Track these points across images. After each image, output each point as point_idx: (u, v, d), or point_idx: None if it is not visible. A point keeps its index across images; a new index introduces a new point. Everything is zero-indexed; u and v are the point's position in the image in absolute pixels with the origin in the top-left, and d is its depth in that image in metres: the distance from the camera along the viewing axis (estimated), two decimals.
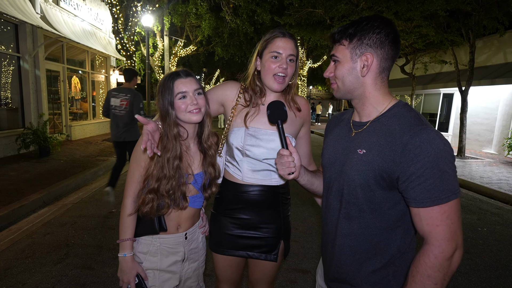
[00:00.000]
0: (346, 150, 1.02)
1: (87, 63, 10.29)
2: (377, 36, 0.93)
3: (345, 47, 0.98)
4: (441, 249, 0.83)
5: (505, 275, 2.86)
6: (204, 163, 1.35)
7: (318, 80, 29.33)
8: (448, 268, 0.84)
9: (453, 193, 0.83)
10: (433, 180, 0.83)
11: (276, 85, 1.33)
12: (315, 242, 3.16)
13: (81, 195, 4.63)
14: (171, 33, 16.29)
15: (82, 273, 2.59)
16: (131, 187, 1.26)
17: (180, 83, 1.25)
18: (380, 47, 0.94)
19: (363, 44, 0.94)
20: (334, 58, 1.02)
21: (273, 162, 1.37)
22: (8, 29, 6.84)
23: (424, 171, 0.83)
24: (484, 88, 10.26)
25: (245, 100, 1.40)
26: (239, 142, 1.36)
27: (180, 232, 1.35)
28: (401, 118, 0.92)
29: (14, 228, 3.43)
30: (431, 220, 0.84)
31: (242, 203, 1.41)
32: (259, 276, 1.51)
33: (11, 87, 7.04)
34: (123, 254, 1.25)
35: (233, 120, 1.39)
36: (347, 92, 1.02)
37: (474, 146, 10.82)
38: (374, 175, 0.92)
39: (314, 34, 13.20)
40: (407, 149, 0.85)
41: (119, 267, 1.28)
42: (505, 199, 5.30)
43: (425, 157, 0.83)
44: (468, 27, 8.52)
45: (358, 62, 0.96)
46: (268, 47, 1.33)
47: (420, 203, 0.85)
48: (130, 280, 1.26)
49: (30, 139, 6.44)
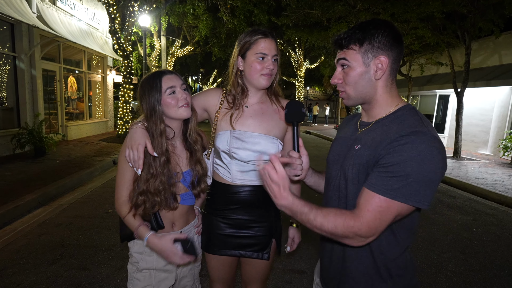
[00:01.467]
0: (348, 148, 1.05)
1: (83, 63, 10.24)
2: (386, 38, 0.93)
3: (355, 51, 0.96)
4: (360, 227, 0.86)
5: (500, 276, 2.88)
6: (191, 161, 1.36)
7: (315, 81, 29.40)
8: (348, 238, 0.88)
9: (405, 197, 0.83)
10: (396, 179, 0.84)
11: (265, 81, 1.36)
12: (311, 242, 3.17)
13: (76, 195, 4.60)
14: (168, 33, 16.27)
15: (77, 274, 2.57)
16: (122, 188, 1.25)
17: (167, 79, 1.26)
18: (390, 49, 0.94)
19: (374, 47, 0.94)
20: (343, 63, 0.98)
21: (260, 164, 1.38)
22: (4, 28, 6.78)
23: (394, 167, 0.84)
24: (480, 90, 10.34)
25: (228, 103, 1.42)
26: (225, 145, 1.37)
27: (175, 230, 1.35)
28: (403, 121, 0.93)
29: (9, 228, 3.40)
30: (368, 203, 0.87)
31: (233, 204, 1.42)
32: (252, 275, 1.52)
33: (6, 86, 6.99)
34: (145, 238, 1.20)
35: (218, 124, 1.41)
36: (359, 98, 1.00)
37: (470, 147, 10.90)
38: (363, 169, 0.94)
39: (311, 35, 13.25)
40: (391, 144, 0.87)
41: (156, 252, 1.26)
42: (500, 200, 5.34)
43: (400, 156, 0.84)
44: (464, 29, 8.60)
45: (371, 66, 0.95)
46: (253, 48, 1.34)
47: (370, 186, 0.87)
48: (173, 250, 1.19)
49: (25, 139, 6.39)
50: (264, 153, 1.37)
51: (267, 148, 1.37)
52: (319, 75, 24.07)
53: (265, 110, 1.43)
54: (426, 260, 3.09)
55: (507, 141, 8.50)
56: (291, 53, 19.53)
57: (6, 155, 6.50)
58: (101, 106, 11.65)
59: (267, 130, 1.40)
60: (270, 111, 1.44)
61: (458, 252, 3.31)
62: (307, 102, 31.04)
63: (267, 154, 1.36)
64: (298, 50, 19.67)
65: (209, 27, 14.21)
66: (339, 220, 0.87)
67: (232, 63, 1.42)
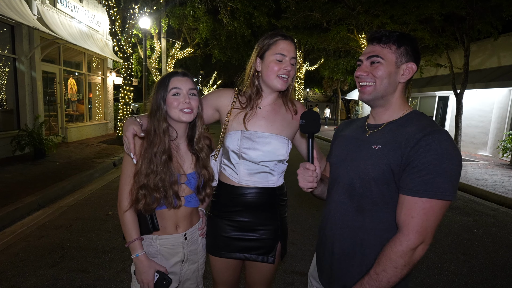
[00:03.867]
0: (360, 147, 1.07)
1: (83, 65, 10.25)
2: (416, 50, 1.03)
3: (391, 51, 1.02)
4: (407, 238, 0.89)
5: (501, 277, 2.88)
6: (197, 165, 1.36)
7: (315, 83, 29.44)
8: (410, 257, 0.90)
9: (442, 193, 0.87)
10: (432, 176, 0.87)
11: (280, 84, 1.36)
12: (313, 244, 3.16)
13: (76, 197, 4.59)
14: (169, 35, 16.30)
15: (77, 276, 2.56)
16: (126, 184, 1.26)
17: (175, 80, 1.27)
18: (417, 60, 1.03)
19: (408, 53, 1.02)
20: (375, 59, 1.03)
21: (270, 164, 1.38)
22: (4, 30, 6.79)
23: (428, 166, 0.88)
24: (479, 91, 10.37)
25: (240, 103, 1.42)
26: (235, 145, 1.37)
27: (180, 232, 1.34)
28: (418, 121, 0.99)
29: (9, 231, 3.39)
30: (409, 211, 0.90)
31: (239, 206, 1.41)
32: (257, 278, 1.51)
33: (6, 88, 6.99)
34: (135, 254, 1.24)
35: (229, 124, 1.41)
36: (379, 94, 1.04)
37: (470, 149, 10.92)
38: (388, 169, 0.96)
39: (311, 37, 13.27)
40: (418, 144, 0.91)
41: (136, 269, 1.26)
42: (500, 201, 5.35)
43: (432, 154, 0.88)
44: (463, 31, 8.63)
45: (401, 68, 1.02)
46: (272, 49, 1.36)
47: (409, 192, 0.91)
48: (149, 279, 1.23)
49: (25, 141, 6.38)
50: (274, 153, 1.37)
51: (277, 148, 1.37)
52: (318, 76, 24.09)
53: (278, 111, 1.44)
54: (427, 262, 3.08)
55: (507, 142, 8.51)
56: None
57: (6, 157, 6.49)
58: (101, 108, 11.66)
59: (279, 130, 1.40)
60: (283, 111, 1.45)
61: (459, 253, 3.31)
62: (307, 104, 31.07)
63: (277, 154, 1.37)
64: (297, 52, 19.70)
65: (209, 29, 14.23)
66: (390, 255, 0.91)
67: (250, 65, 1.44)
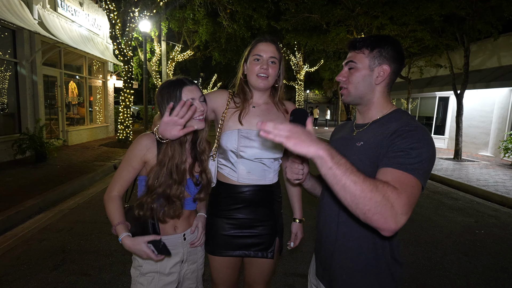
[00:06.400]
0: (347, 146, 1.10)
1: (84, 69, 10.29)
2: (392, 52, 1.05)
3: (365, 55, 1.06)
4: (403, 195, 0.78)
5: (503, 278, 2.87)
6: (196, 168, 1.37)
7: (315, 85, 29.49)
8: (383, 205, 0.75)
9: (412, 170, 0.85)
10: (406, 157, 0.87)
11: (260, 83, 1.43)
12: (312, 245, 3.15)
13: (77, 200, 4.59)
14: (169, 38, 16.37)
15: (78, 280, 2.56)
16: (117, 184, 1.27)
17: (187, 91, 1.26)
18: (393, 62, 1.05)
19: (381, 56, 1.05)
20: (351, 64, 1.08)
21: (267, 162, 1.44)
22: (5, 35, 6.83)
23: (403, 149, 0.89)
24: (479, 92, 10.36)
25: (235, 103, 1.48)
26: (233, 144, 1.41)
27: (178, 233, 1.36)
28: (399, 119, 1.03)
29: (10, 234, 3.39)
30: (383, 177, 0.84)
31: (238, 203, 1.45)
32: (256, 275, 1.53)
33: (7, 92, 7.01)
34: (119, 239, 1.23)
35: (224, 123, 1.45)
36: (357, 97, 1.10)
37: (471, 149, 10.89)
38: (371, 163, 0.98)
39: (310, 39, 13.30)
40: (396, 132, 0.94)
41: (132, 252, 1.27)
42: (502, 201, 5.33)
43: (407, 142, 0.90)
44: (463, 32, 8.63)
45: (375, 71, 1.06)
46: (252, 52, 1.45)
47: (382, 166, 0.89)
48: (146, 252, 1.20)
49: (26, 144, 6.39)
50: (271, 151, 1.42)
51: (274, 146, 1.41)
52: (318, 78, 24.16)
53: (271, 110, 1.51)
54: (429, 263, 3.07)
55: (508, 143, 8.49)
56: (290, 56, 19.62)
57: (7, 161, 6.51)
58: (101, 111, 11.69)
59: None
60: (275, 111, 1.51)
61: (461, 254, 3.30)
62: (307, 105, 31.09)
63: (273, 151, 1.42)
64: (297, 54, 19.75)
65: (209, 32, 14.29)
66: (380, 185, 0.77)
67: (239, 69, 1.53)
